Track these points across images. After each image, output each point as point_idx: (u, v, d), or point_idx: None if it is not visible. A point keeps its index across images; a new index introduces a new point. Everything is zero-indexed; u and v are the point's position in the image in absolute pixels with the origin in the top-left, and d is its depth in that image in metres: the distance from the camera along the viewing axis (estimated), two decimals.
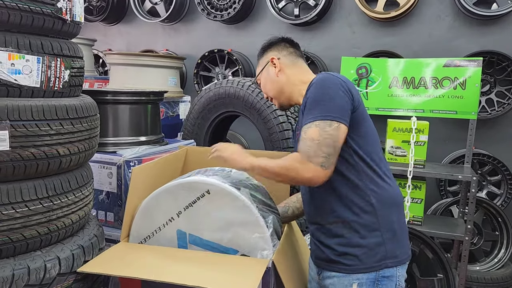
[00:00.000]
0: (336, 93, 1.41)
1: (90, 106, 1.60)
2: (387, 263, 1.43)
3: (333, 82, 1.44)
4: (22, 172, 1.36)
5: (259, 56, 1.79)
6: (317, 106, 1.40)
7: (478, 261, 3.18)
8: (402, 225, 1.52)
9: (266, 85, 1.73)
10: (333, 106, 1.39)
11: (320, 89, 1.43)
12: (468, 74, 2.73)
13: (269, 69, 1.71)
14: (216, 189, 1.53)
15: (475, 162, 3.35)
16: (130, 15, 4.60)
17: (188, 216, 1.58)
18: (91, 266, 1.47)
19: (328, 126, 1.36)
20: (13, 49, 1.35)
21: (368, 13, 3.57)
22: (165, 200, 1.59)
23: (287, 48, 1.74)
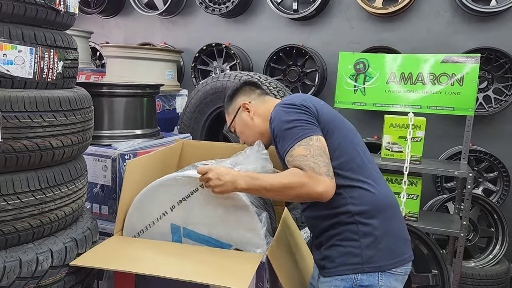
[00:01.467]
0: (293, 115, 1.44)
1: (84, 98, 1.58)
2: (364, 268, 1.36)
3: (285, 109, 1.47)
4: (14, 163, 1.35)
5: (227, 105, 1.78)
6: (287, 134, 1.42)
7: (473, 257, 3.18)
8: (389, 230, 1.42)
9: (244, 132, 1.73)
10: (300, 127, 1.41)
11: (279, 120, 1.46)
12: (465, 70, 2.72)
13: (242, 115, 1.71)
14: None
15: (471, 158, 3.35)
16: (127, 8, 4.57)
17: (182, 210, 1.58)
18: (84, 259, 1.47)
19: (309, 141, 1.39)
20: (5, 39, 1.33)
21: (366, 8, 3.55)
22: (159, 194, 1.59)
23: (253, 91, 1.75)
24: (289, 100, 1.50)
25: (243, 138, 1.75)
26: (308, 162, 1.34)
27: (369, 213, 1.40)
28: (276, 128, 1.46)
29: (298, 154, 1.36)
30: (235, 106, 1.74)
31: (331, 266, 1.42)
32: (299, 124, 1.41)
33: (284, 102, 1.51)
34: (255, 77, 2.65)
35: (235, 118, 1.74)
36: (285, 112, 1.46)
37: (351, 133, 1.53)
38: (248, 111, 1.70)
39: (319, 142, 1.38)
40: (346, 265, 1.38)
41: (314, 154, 1.35)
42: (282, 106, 1.49)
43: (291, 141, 1.39)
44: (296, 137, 1.39)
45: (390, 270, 1.38)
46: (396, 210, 1.49)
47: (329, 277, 1.42)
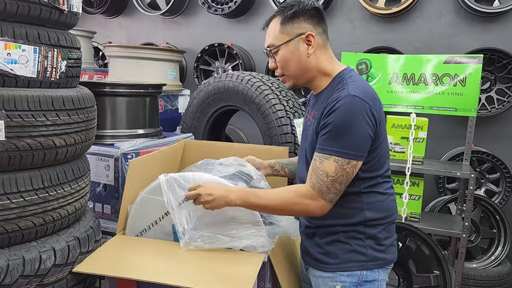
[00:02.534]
0: (361, 126, 1.31)
1: (87, 97, 1.59)
2: (368, 265, 1.43)
3: (359, 110, 1.31)
4: (18, 162, 1.36)
5: (286, 20, 1.43)
6: (340, 138, 1.31)
7: (475, 258, 3.18)
8: (389, 232, 1.49)
9: (289, 62, 1.45)
10: (355, 143, 1.31)
11: (345, 118, 1.31)
12: (468, 71, 2.72)
13: (299, 44, 1.43)
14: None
15: (474, 159, 3.35)
16: (130, 8, 4.58)
17: (184, 211, 1.56)
18: (87, 265, 1.46)
19: (347, 164, 1.31)
20: (9, 39, 1.34)
21: (369, 9, 3.55)
22: (160, 194, 1.58)
23: (321, 24, 1.47)
24: (365, 97, 1.33)
25: (283, 65, 1.47)
26: (323, 184, 1.33)
27: (380, 220, 1.45)
28: (336, 120, 1.31)
29: (324, 170, 1.32)
30: (297, 29, 1.43)
31: (334, 262, 1.44)
32: (355, 139, 1.31)
33: (361, 97, 1.32)
34: (257, 77, 2.65)
35: (289, 43, 1.43)
36: (356, 113, 1.31)
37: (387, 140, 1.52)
38: (309, 45, 1.43)
39: (352, 169, 1.33)
40: (352, 262, 1.42)
41: (337, 179, 1.32)
42: (355, 98, 1.32)
43: (334, 149, 1.31)
44: (341, 151, 1.31)
45: (385, 266, 1.47)
46: (397, 212, 1.55)
47: (333, 272, 1.44)
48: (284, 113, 2.55)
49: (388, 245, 1.47)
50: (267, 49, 1.49)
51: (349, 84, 1.37)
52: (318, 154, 1.35)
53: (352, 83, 1.38)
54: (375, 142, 1.38)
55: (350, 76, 1.43)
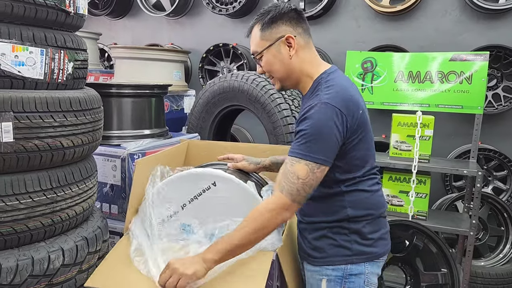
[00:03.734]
0: (331, 132, 1.33)
1: (93, 98, 1.60)
2: (353, 259, 1.45)
3: (329, 117, 1.33)
4: (26, 163, 1.37)
5: (264, 27, 1.46)
6: (310, 142, 1.33)
7: (483, 256, 3.16)
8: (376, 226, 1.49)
9: (273, 65, 1.48)
10: (325, 148, 1.34)
11: (316, 125, 1.34)
12: (474, 68, 2.70)
13: (281, 47, 1.45)
14: (223, 180, 1.53)
15: (481, 157, 3.33)
16: (135, 9, 4.60)
17: (193, 208, 1.55)
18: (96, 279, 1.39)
19: (317, 169, 1.34)
20: (16, 41, 1.35)
21: (374, 7, 3.54)
22: (169, 192, 1.57)
23: (300, 24, 1.48)
24: (334, 99, 1.35)
25: (268, 69, 1.50)
26: (294, 187, 1.33)
27: (363, 216, 1.47)
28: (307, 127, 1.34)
29: (295, 173, 1.33)
30: (276, 33, 1.45)
31: (321, 256, 1.47)
32: (325, 145, 1.33)
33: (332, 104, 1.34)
34: (262, 76, 2.66)
35: (270, 47, 1.46)
36: (326, 120, 1.33)
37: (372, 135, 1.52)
38: (290, 47, 1.45)
39: (321, 174, 1.36)
40: (337, 256, 1.45)
41: (308, 183, 1.34)
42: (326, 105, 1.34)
43: (306, 153, 1.34)
44: (312, 155, 1.33)
45: (374, 260, 1.48)
46: (385, 207, 1.55)
47: (319, 266, 1.48)
48: (290, 112, 2.55)
49: (375, 238, 1.48)
50: (252, 56, 1.55)
51: (323, 89, 1.39)
52: (290, 158, 1.37)
53: (326, 88, 1.39)
54: (348, 144, 1.39)
55: (327, 79, 1.43)
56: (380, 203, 1.52)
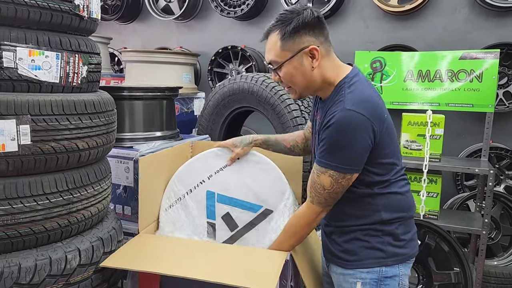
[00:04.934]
0: (356, 140, 1.32)
1: (107, 101, 1.63)
2: (387, 262, 1.45)
3: (354, 125, 1.31)
4: (43, 165, 1.40)
5: (286, 36, 1.38)
6: (335, 153, 1.34)
7: (496, 256, 3.13)
8: (407, 227, 1.50)
9: (294, 77, 1.43)
10: (349, 158, 1.34)
11: (340, 134, 1.32)
12: (485, 66, 2.69)
13: (303, 59, 1.39)
14: (247, 154, 1.79)
15: (492, 156, 3.30)
16: (144, 13, 4.65)
17: (218, 179, 1.79)
18: (112, 260, 1.50)
19: (342, 178, 1.37)
20: (33, 46, 1.38)
21: (382, 7, 3.55)
22: (198, 166, 1.83)
23: (322, 32, 1.42)
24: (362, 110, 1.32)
25: (288, 80, 1.45)
26: (321, 197, 1.42)
27: (397, 218, 1.46)
28: (331, 136, 1.34)
29: (321, 184, 1.40)
30: (299, 44, 1.38)
31: (354, 259, 1.46)
32: (350, 154, 1.33)
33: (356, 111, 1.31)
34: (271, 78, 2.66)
35: (292, 59, 1.40)
36: (351, 128, 1.32)
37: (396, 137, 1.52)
38: (313, 58, 1.40)
39: (348, 181, 1.38)
40: (371, 258, 1.44)
41: (334, 191, 1.39)
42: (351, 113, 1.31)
43: (330, 163, 1.35)
44: (336, 165, 1.34)
45: (406, 261, 1.48)
46: (415, 207, 1.55)
47: (353, 269, 1.46)
48: (299, 112, 2.56)
49: (407, 240, 1.47)
50: (269, 66, 1.47)
51: (347, 95, 1.36)
52: (316, 167, 1.42)
53: (350, 94, 1.36)
54: (380, 149, 1.38)
55: (350, 84, 1.40)
56: (411, 203, 1.52)
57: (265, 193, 1.72)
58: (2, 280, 1.28)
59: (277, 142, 1.84)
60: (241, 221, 1.74)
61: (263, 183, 1.73)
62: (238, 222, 1.75)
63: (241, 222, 1.74)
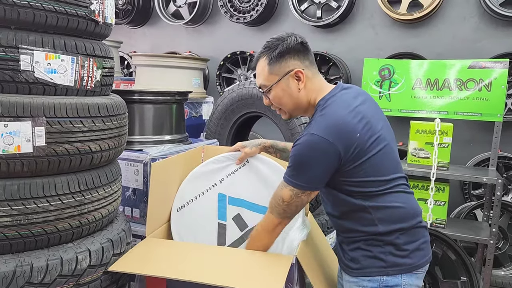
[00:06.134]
0: (318, 163, 1.38)
1: (120, 105, 1.65)
2: (388, 271, 1.44)
3: (317, 149, 1.37)
4: (56, 166, 1.42)
5: (272, 62, 1.48)
6: (297, 171, 1.41)
7: (504, 266, 3.12)
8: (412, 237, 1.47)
9: (282, 99, 1.52)
10: (310, 177, 1.41)
11: (301, 156, 1.40)
12: (493, 75, 2.70)
13: (289, 82, 1.49)
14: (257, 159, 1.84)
15: (500, 165, 3.29)
16: (154, 18, 4.70)
17: (230, 182, 1.84)
18: (120, 265, 1.51)
19: (301, 193, 1.43)
20: (49, 49, 1.41)
21: (391, 15, 3.56)
22: (210, 169, 1.87)
23: (307, 56, 1.52)
24: (324, 130, 1.37)
25: (277, 102, 1.54)
26: (280, 208, 1.47)
27: (395, 230, 1.45)
28: (295, 156, 1.42)
29: (281, 196, 1.46)
30: (285, 68, 1.48)
31: (357, 267, 1.47)
32: (310, 174, 1.40)
33: (320, 135, 1.36)
34: None
35: (279, 82, 1.48)
36: (312, 151, 1.38)
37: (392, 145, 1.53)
38: (299, 80, 1.48)
39: (308, 197, 1.45)
40: (371, 267, 1.45)
41: (292, 204, 1.45)
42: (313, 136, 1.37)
43: (292, 180, 1.43)
44: (297, 183, 1.42)
45: (411, 271, 1.45)
46: (419, 216, 1.51)
47: (356, 277, 1.48)
48: (307, 118, 2.58)
49: (411, 250, 1.44)
50: (259, 89, 1.57)
51: (316, 119, 1.43)
52: (281, 181, 1.48)
53: (320, 117, 1.42)
54: (350, 166, 1.39)
55: (323, 108, 1.44)
56: (413, 213, 1.48)
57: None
58: (14, 279, 1.30)
59: (284, 148, 1.88)
60: (251, 221, 1.78)
61: (273, 186, 1.74)
62: (248, 222, 1.79)
63: (251, 223, 1.77)
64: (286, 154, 1.86)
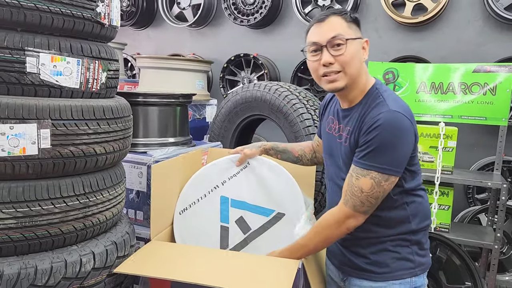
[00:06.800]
0: (403, 142, 1.31)
1: (124, 107, 1.65)
2: (416, 272, 1.46)
3: (402, 126, 1.31)
4: (61, 169, 1.42)
5: (351, 20, 1.41)
6: (382, 154, 1.30)
7: (508, 271, 3.10)
8: (427, 237, 1.54)
9: (354, 59, 1.40)
10: (396, 159, 1.31)
11: (389, 134, 1.30)
12: (498, 79, 2.69)
13: (361, 47, 1.43)
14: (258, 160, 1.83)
15: (504, 169, 3.28)
16: (158, 20, 4.71)
17: (232, 185, 1.83)
18: (125, 266, 1.51)
19: (384, 181, 1.33)
20: (55, 52, 1.41)
21: (395, 18, 3.56)
22: (212, 172, 1.87)
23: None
24: (405, 113, 1.33)
25: (346, 64, 1.39)
26: (357, 200, 1.36)
27: (424, 227, 1.49)
28: (379, 137, 1.30)
29: (359, 187, 1.34)
30: (358, 33, 1.44)
31: (385, 271, 1.45)
32: (397, 155, 1.31)
33: (402, 113, 1.32)
34: (284, 87, 2.69)
35: (356, 41, 1.41)
36: (399, 129, 1.30)
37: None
38: (364, 51, 1.45)
39: (390, 185, 1.35)
40: (402, 270, 1.44)
41: (372, 195, 1.34)
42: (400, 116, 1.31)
43: (374, 164, 1.32)
44: (381, 166, 1.31)
45: (426, 270, 1.50)
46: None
47: (384, 281, 1.45)
48: (312, 122, 2.57)
49: (427, 248, 1.51)
50: (334, 39, 1.38)
51: (387, 98, 1.37)
52: (356, 169, 1.36)
53: (389, 97, 1.38)
54: (412, 156, 1.40)
55: (384, 90, 1.42)
56: (430, 211, 1.54)
57: (277, 197, 1.76)
58: (18, 282, 1.30)
59: (285, 150, 1.87)
60: (254, 224, 1.77)
61: (274, 188, 1.76)
62: (251, 225, 1.78)
63: (254, 225, 1.77)
64: (286, 155, 1.87)
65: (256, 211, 1.79)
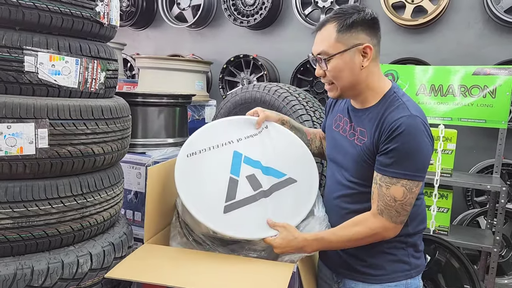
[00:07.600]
0: (426, 146, 1.32)
1: (123, 107, 1.64)
2: (412, 274, 1.46)
3: (423, 131, 1.31)
4: (59, 169, 1.41)
5: (343, 28, 1.36)
6: (408, 161, 1.30)
7: (507, 274, 3.09)
8: (421, 237, 1.54)
9: (341, 72, 1.39)
10: (421, 164, 1.32)
11: (412, 140, 1.30)
12: (498, 82, 2.68)
13: (355, 56, 1.37)
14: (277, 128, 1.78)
15: (504, 172, 3.27)
16: (158, 20, 4.70)
17: (247, 144, 1.75)
18: (117, 271, 1.47)
19: (415, 187, 1.33)
20: (54, 51, 1.40)
21: (395, 20, 3.55)
22: (229, 127, 1.77)
23: (377, 35, 1.42)
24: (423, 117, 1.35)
25: (334, 75, 1.41)
26: (392, 209, 1.34)
27: (420, 230, 1.49)
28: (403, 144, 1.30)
29: (392, 196, 1.32)
30: (354, 40, 1.37)
31: (381, 273, 1.45)
32: (422, 160, 1.31)
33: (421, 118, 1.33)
34: (284, 88, 2.68)
35: (344, 53, 1.37)
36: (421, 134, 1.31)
37: None
38: (365, 57, 1.38)
39: (418, 189, 1.35)
40: (398, 272, 1.45)
41: (406, 202, 1.33)
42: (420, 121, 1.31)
43: (403, 172, 1.31)
44: (410, 173, 1.31)
45: (421, 272, 1.51)
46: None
47: (380, 284, 1.45)
48: (311, 123, 2.56)
49: (421, 250, 1.51)
50: (318, 56, 1.41)
51: (406, 102, 1.36)
52: (384, 178, 1.34)
53: (408, 102, 1.37)
54: None
55: (402, 94, 1.41)
56: (426, 215, 1.54)
57: (291, 164, 1.72)
58: (15, 282, 1.28)
59: (300, 129, 1.83)
60: (265, 183, 1.69)
61: (290, 156, 1.73)
62: (262, 183, 1.70)
63: (266, 185, 1.69)
64: (300, 135, 1.82)
65: (268, 173, 1.73)
